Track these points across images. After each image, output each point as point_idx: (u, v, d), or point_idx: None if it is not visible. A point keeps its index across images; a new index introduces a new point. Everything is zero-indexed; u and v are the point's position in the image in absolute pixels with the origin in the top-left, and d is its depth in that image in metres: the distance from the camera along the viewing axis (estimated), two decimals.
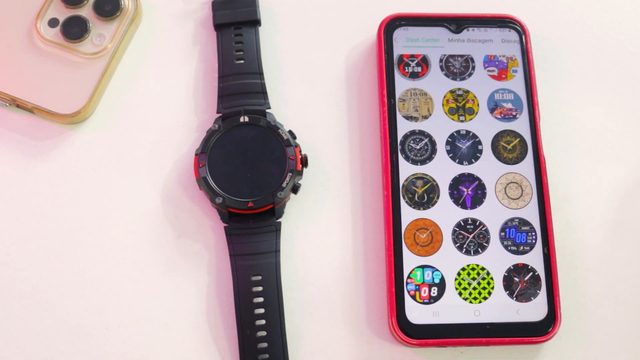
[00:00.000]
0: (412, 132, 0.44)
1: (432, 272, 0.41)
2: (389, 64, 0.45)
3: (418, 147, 0.44)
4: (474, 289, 0.41)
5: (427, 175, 0.43)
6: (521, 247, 0.42)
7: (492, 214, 0.43)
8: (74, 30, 0.44)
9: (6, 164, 0.44)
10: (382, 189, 0.43)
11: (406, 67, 0.45)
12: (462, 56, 0.46)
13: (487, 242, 0.42)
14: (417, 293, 0.41)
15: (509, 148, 0.44)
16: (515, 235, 0.42)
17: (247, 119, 0.43)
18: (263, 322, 0.40)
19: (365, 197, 0.44)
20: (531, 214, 0.42)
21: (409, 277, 0.41)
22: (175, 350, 0.41)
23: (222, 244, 0.42)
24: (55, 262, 0.42)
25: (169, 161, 0.44)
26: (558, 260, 0.42)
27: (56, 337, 0.41)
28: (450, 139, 0.44)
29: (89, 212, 0.43)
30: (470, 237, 0.42)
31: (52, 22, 0.45)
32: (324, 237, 0.43)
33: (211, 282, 0.42)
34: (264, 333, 0.40)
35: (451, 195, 0.43)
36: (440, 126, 0.44)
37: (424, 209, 0.42)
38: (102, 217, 0.43)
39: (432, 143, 0.44)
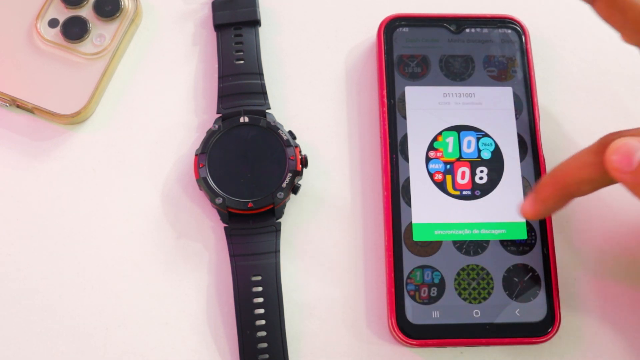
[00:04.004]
0: None
1: (432, 273, 0.41)
2: (389, 64, 0.45)
3: None
4: (474, 289, 0.41)
5: None
6: (521, 247, 0.42)
7: None
8: (74, 30, 0.44)
9: (6, 164, 0.44)
10: (382, 189, 0.43)
11: (406, 68, 0.45)
12: (462, 56, 0.45)
13: (487, 242, 0.42)
14: (417, 293, 0.41)
15: None
16: None
17: (247, 119, 0.43)
18: (263, 322, 0.40)
19: (365, 197, 0.44)
20: None
21: (408, 277, 0.41)
22: (175, 350, 0.41)
23: (222, 244, 0.42)
24: (55, 262, 0.42)
25: (169, 161, 0.44)
26: (558, 260, 0.42)
27: (56, 337, 0.41)
28: None
29: (89, 212, 0.43)
30: None
31: (52, 23, 0.45)
32: (324, 237, 0.43)
33: (211, 283, 0.42)
34: (263, 333, 0.40)
35: None
36: None
37: None
38: (102, 217, 0.43)
39: None
